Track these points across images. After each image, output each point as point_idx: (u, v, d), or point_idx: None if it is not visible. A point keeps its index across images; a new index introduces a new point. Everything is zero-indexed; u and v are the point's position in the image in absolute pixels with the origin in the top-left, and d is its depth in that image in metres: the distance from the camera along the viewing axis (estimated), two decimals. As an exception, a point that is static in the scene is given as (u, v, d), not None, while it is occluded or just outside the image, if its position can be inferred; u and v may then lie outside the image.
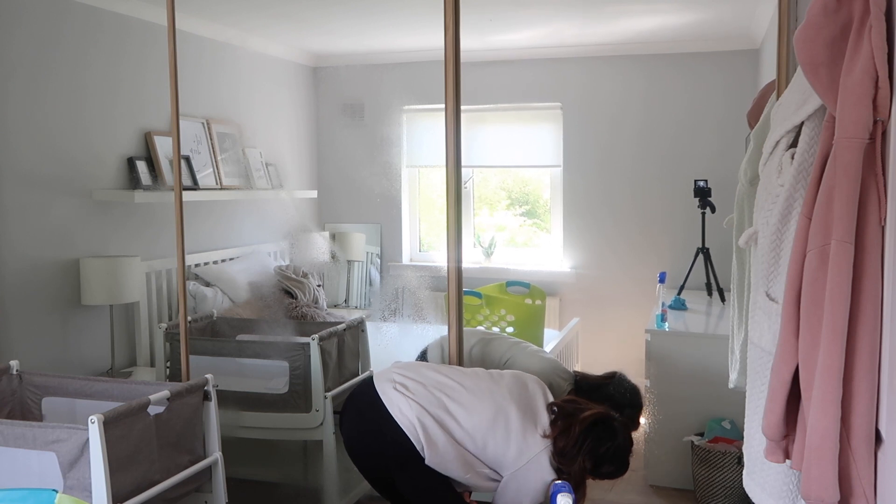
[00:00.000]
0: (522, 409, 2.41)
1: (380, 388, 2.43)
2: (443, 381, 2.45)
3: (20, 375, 2.61)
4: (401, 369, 2.52)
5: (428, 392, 2.40)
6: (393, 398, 2.38)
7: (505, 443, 2.35)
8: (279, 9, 4.21)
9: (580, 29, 4.64)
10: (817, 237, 1.22)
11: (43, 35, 3.48)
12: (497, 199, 5.74)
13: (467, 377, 2.51)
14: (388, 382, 2.44)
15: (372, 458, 2.46)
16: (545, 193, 5.58)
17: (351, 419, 2.50)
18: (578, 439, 2.34)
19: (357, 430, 2.47)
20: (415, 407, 2.35)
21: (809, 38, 1.24)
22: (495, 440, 2.35)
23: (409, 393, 2.39)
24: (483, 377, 2.53)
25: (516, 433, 2.35)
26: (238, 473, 3.15)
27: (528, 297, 4.61)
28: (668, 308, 4.06)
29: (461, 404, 2.39)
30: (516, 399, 2.43)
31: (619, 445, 2.41)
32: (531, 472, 2.34)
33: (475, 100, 5.29)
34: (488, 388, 2.45)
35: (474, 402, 2.40)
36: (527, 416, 2.39)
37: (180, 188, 2.73)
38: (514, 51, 5.25)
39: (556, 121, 5.34)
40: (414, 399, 2.37)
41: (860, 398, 1.19)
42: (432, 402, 2.37)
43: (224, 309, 4.22)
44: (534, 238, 5.66)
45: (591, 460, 2.35)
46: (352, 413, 2.51)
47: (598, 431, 2.38)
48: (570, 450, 2.34)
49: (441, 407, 2.37)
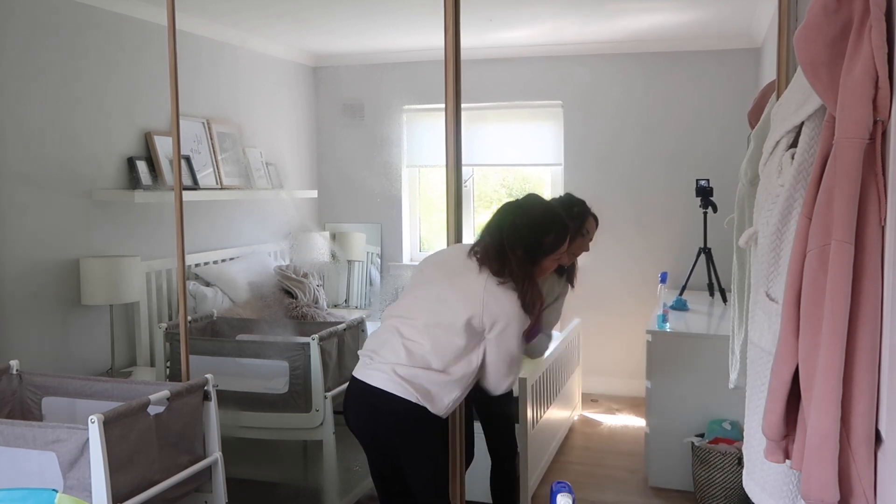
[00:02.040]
0: (449, 274, 2.36)
1: (362, 375, 2.37)
2: (385, 331, 2.39)
3: (20, 375, 2.61)
4: (362, 352, 2.46)
5: (387, 348, 2.33)
6: (370, 374, 2.32)
7: (453, 306, 2.28)
8: (279, 9, 4.21)
9: (581, 27, 4.64)
10: (817, 237, 1.22)
11: (38, 34, 3.48)
12: (497, 198, 5.74)
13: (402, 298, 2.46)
14: (364, 367, 2.38)
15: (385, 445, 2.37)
16: (545, 192, 5.58)
17: (353, 413, 2.43)
18: (495, 240, 2.29)
19: (362, 419, 2.39)
20: (384, 366, 2.29)
21: (809, 38, 1.24)
22: (445, 313, 2.28)
23: (377, 357, 2.33)
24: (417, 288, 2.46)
25: (455, 289, 2.30)
26: (238, 473, 3.15)
27: (529, 296, 4.61)
28: (670, 308, 4.06)
29: (407, 325, 2.32)
30: (441, 266, 2.41)
31: (532, 214, 2.34)
32: (495, 303, 2.25)
33: (475, 98, 5.28)
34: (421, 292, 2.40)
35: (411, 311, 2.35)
36: (454, 274, 2.34)
37: (180, 188, 2.73)
38: (514, 48, 5.24)
39: (557, 119, 5.34)
40: (382, 361, 2.31)
41: (860, 398, 1.19)
42: (393, 352, 2.30)
43: (224, 309, 4.23)
44: (534, 237, 5.65)
45: (519, 246, 2.27)
46: (351, 407, 2.44)
47: (502, 220, 2.33)
48: (494, 255, 2.27)
49: (400, 346, 2.30)
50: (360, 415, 2.39)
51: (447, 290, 2.33)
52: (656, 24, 4.56)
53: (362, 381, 2.33)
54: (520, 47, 5.22)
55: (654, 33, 4.79)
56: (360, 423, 2.39)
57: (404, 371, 2.27)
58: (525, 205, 2.41)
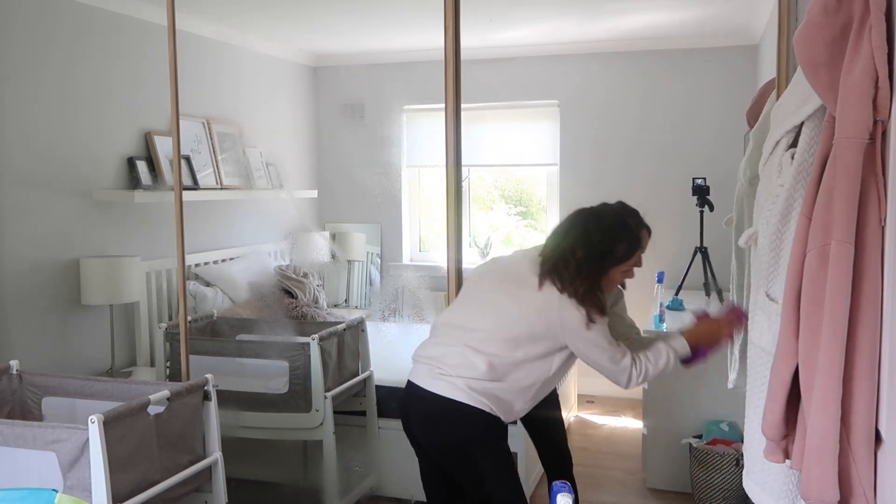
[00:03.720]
0: (514, 281, 2.28)
1: (427, 384, 2.31)
2: (443, 340, 2.35)
3: (20, 375, 2.61)
4: (420, 358, 2.41)
5: (452, 357, 2.28)
6: (438, 384, 2.27)
7: (524, 319, 2.22)
8: (279, 9, 4.21)
9: (577, 26, 4.64)
10: (817, 237, 1.22)
11: (39, 34, 3.48)
12: (492, 199, 5.74)
13: (463, 308, 2.40)
14: (427, 376, 2.32)
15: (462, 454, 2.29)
16: (538, 192, 5.58)
17: (424, 430, 2.36)
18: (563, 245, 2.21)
19: (436, 434, 2.33)
20: (453, 378, 2.25)
21: (810, 38, 1.24)
22: (513, 327, 2.23)
23: (445, 370, 2.28)
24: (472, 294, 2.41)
25: (523, 301, 2.23)
26: (238, 473, 3.15)
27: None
28: (666, 308, 4.06)
29: (476, 331, 2.27)
30: (502, 279, 2.34)
31: (608, 220, 2.28)
32: (566, 320, 2.18)
33: (472, 98, 5.27)
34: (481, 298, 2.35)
35: (476, 314, 2.30)
36: (522, 286, 2.26)
37: (180, 188, 2.73)
38: (511, 48, 5.24)
39: (554, 118, 5.34)
40: (449, 374, 2.26)
41: (860, 398, 1.19)
42: (460, 363, 2.25)
43: (224, 309, 4.23)
44: (528, 237, 5.66)
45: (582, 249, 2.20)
46: (419, 422, 2.37)
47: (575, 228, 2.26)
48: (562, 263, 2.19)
49: (466, 357, 2.25)
50: (427, 424, 2.34)
51: (513, 301, 2.26)
52: (652, 23, 4.56)
53: (430, 391, 2.28)
54: (517, 47, 5.22)
55: (651, 32, 4.79)
56: (427, 432, 2.34)
57: (479, 385, 2.23)
58: (599, 210, 2.34)
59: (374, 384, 3.48)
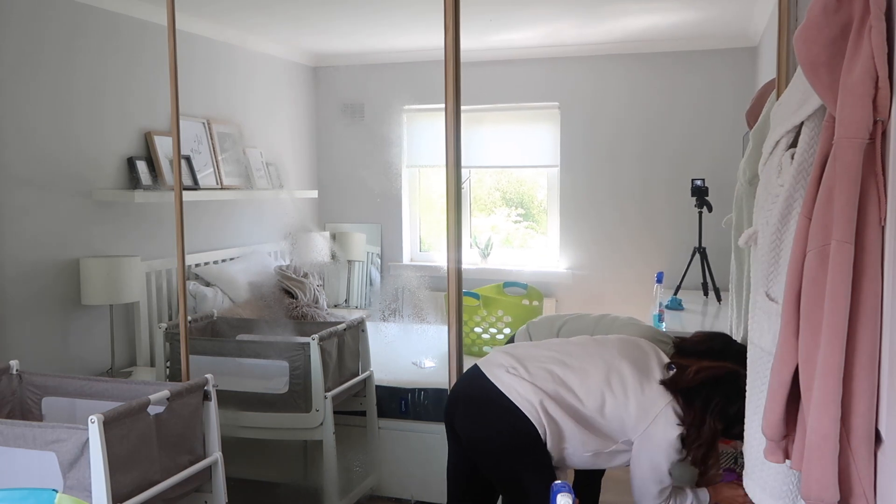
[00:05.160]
0: (636, 365, 2.26)
1: (492, 375, 2.30)
2: (549, 354, 2.35)
3: (20, 375, 2.61)
4: (506, 353, 2.40)
5: (541, 368, 2.28)
6: (509, 382, 2.26)
7: (623, 399, 2.21)
8: (279, 8, 4.21)
9: (577, 28, 4.64)
10: (817, 237, 1.22)
11: (37, 34, 3.48)
12: (492, 201, 5.74)
13: (573, 345, 2.41)
14: (499, 368, 2.31)
15: (494, 454, 2.29)
16: (539, 194, 5.58)
17: (468, 415, 2.34)
18: (704, 397, 2.19)
19: (479, 425, 2.31)
20: (531, 388, 2.23)
21: (810, 38, 1.24)
22: (613, 398, 2.21)
23: (524, 374, 2.27)
24: (588, 342, 2.43)
25: (634, 388, 2.21)
26: (238, 473, 3.15)
27: (526, 297, 4.61)
28: (665, 308, 4.06)
29: (572, 369, 2.27)
30: (627, 356, 2.30)
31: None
32: (658, 430, 2.18)
33: (473, 99, 5.28)
34: (596, 351, 2.34)
35: (585, 364, 2.29)
36: (642, 372, 2.25)
37: (180, 188, 2.73)
38: (511, 50, 5.25)
39: (554, 120, 5.34)
40: (530, 381, 2.25)
41: (860, 398, 1.19)
42: (546, 379, 2.25)
43: (224, 309, 4.22)
44: (529, 239, 5.66)
45: (722, 422, 2.17)
46: (467, 407, 2.35)
47: (727, 389, 2.18)
48: (696, 411, 2.18)
49: (556, 381, 2.25)
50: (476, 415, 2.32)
51: (624, 374, 2.25)
52: (652, 25, 4.56)
53: (497, 386, 2.27)
54: (517, 49, 5.22)
55: (650, 34, 4.79)
56: (472, 422, 2.33)
57: (552, 407, 2.22)
58: (742, 380, 2.32)
59: (374, 384, 3.48)
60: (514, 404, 2.23)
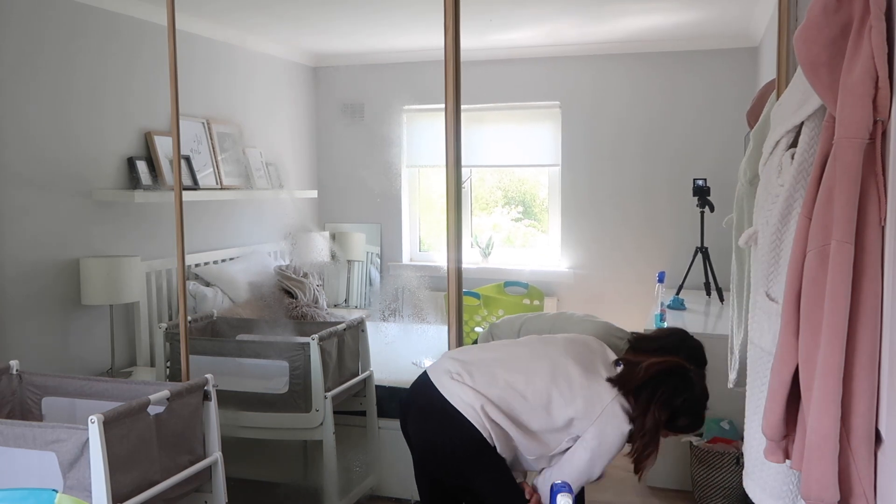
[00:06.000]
0: (582, 363, 2.28)
1: (438, 382, 2.31)
2: (494, 356, 2.36)
3: (20, 375, 2.61)
4: (452, 357, 2.41)
5: (484, 373, 2.29)
6: (453, 389, 2.26)
7: (570, 397, 2.22)
8: (279, 8, 4.21)
9: (578, 28, 4.64)
10: (817, 237, 1.22)
11: (36, 34, 3.48)
12: (494, 200, 5.74)
13: (518, 345, 2.43)
14: (444, 374, 2.32)
15: (449, 462, 2.31)
16: (541, 193, 5.58)
17: (417, 423, 2.37)
18: (650, 388, 2.20)
19: (427, 433, 2.34)
20: (474, 394, 2.24)
21: (810, 38, 1.24)
22: (560, 396, 2.22)
23: (467, 380, 2.28)
24: (535, 342, 2.44)
25: (580, 385, 2.23)
26: (238, 473, 3.15)
27: (526, 297, 4.62)
28: (667, 308, 4.06)
29: (517, 371, 2.28)
30: (574, 355, 2.31)
31: (695, 397, 2.25)
32: (607, 425, 2.20)
33: (473, 99, 5.29)
34: (543, 350, 2.35)
35: (529, 364, 2.30)
36: (588, 371, 2.26)
37: (180, 188, 2.73)
38: (512, 49, 5.25)
39: (555, 120, 5.34)
40: (472, 386, 2.26)
41: (860, 398, 1.19)
42: (489, 384, 2.26)
43: (224, 309, 4.22)
44: (531, 238, 5.66)
45: (666, 411, 2.21)
46: (416, 415, 2.38)
47: (674, 381, 2.22)
48: (641, 401, 2.21)
49: (499, 385, 2.26)
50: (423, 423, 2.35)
51: (571, 372, 2.26)
52: (652, 25, 4.56)
53: (441, 393, 2.28)
54: (518, 48, 5.22)
55: (652, 33, 4.79)
56: (420, 430, 2.36)
57: (494, 412, 2.23)
58: (697, 379, 2.31)
59: (374, 384, 3.48)
60: (458, 411, 2.24)
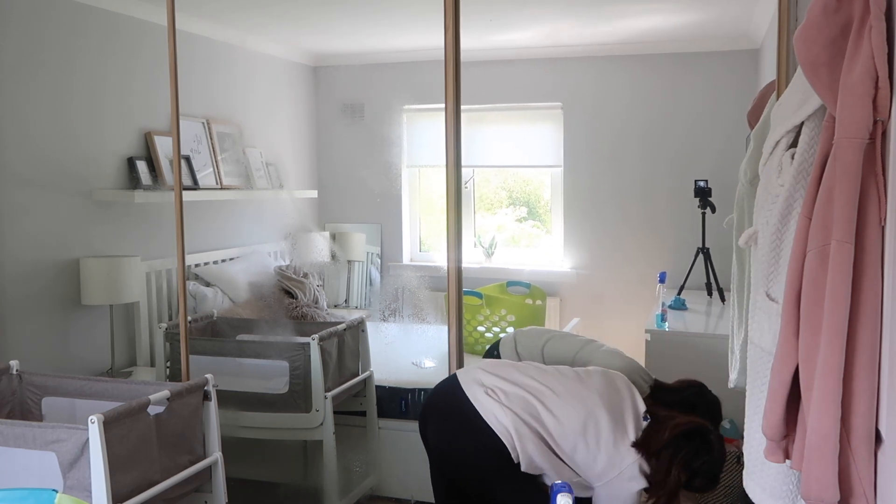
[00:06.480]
0: (612, 414, 2.32)
1: (470, 392, 2.33)
2: (532, 385, 2.37)
3: (20, 375, 2.61)
4: (487, 371, 2.42)
5: (520, 398, 2.32)
6: (487, 405, 2.29)
7: (595, 452, 2.28)
8: (279, 8, 4.21)
9: (580, 28, 4.64)
10: (817, 237, 1.22)
11: (36, 33, 3.48)
12: (498, 200, 5.74)
13: (555, 380, 2.43)
14: (477, 386, 2.34)
15: (465, 469, 2.35)
16: (545, 193, 5.58)
17: (441, 427, 2.39)
18: (673, 449, 2.26)
19: (452, 439, 2.36)
20: (510, 415, 2.27)
21: (810, 38, 1.24)
22: (586, 448, 2.28)
23: (503, 399, 2.30)
24: (570, 378, 2.45)
25: (606, 442, 2.28)
26: (238, 473, 3.15)
27: (529, 297, 4.61)
28: (669, 308, 4.06)
29: (551, 412, 2.31)
30: (606, 403, 2.34)
31: (714, 459, 2.32)
32: (623, 482, 2.28)
33: (475, 100, 5.29)
34: (577, 392, 2.37)
35: (564, 408, 2.32)
36: (617, 424, 2.31)
37: (180, 188, 2.73)
38: (514, 50, 5.25)
39: (557, 120, 5.34)
40: (508, 407, 2.29)
41: (860, 398, 1.19)
42: (525, 409, 2.30)
43: (224, 309, 4.22)
44: (534, 238, 5.66)
45: (685, 472, 2.27)
46: (440, 420, 2.40)
47: (696, 444, 2.29)
48: (663, 461, 2.26)
49: (533, 415, 2.30)
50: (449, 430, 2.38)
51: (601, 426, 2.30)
52: (655, 26, 4.56)
53: (474, 405, 2.31)
54: (519, 49, 5.22)
55: (654, 35, 4.79)
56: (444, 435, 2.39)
57: (527, 439, 2.27)
58: (717, 442, 2.36)
59: (374, 384, 3.48)
60: (489, 427, 2.27)
